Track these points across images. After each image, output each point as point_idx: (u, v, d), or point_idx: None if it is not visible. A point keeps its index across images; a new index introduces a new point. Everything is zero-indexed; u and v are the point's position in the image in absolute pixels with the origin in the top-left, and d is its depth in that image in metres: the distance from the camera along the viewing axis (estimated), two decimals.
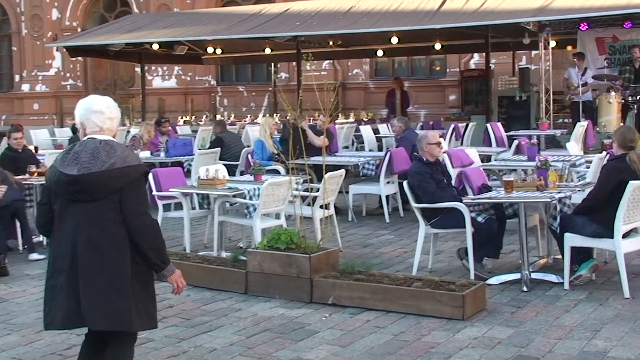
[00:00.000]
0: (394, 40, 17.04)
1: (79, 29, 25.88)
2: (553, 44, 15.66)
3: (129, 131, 16.34)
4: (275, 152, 11.08)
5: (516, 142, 11.26)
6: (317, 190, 8.41)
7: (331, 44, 18.73)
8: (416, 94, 22.19)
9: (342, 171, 8.87)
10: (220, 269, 7.21)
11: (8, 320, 6.42)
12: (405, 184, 7.49)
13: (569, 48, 17.71)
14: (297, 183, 8.11)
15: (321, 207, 8.19)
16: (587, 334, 5.60)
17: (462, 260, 7.38)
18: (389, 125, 16.33)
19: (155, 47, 18.57)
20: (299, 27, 16.12)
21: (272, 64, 23.30)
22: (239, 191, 8.05)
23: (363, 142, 15.66)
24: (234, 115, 22.29)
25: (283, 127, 11.69)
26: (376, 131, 16.08)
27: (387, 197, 10.57)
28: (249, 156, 11.15)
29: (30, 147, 10.84)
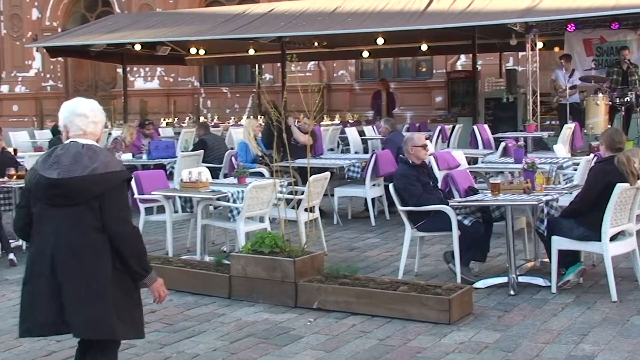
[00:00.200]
0: (380, 41, 16.99)
1: (59, 29, 25.75)
2: (540, 45, 15.69)
3: (110, 133, 16.24)
4: (259, 154, 11.02)
5: (503, 144, 11.25)
6: (302, 193, 8.39)
7: (316, 44, 18.69)
8: (402, 95, 22.17)
9: (327, 174, 8.85)
10: (203, 273, 7.16)
11: None
12: (391, 186, 7.47)
13: (556, 49, 17.71)
14: (281, 186, 8.09)
15: (306, 210, 8.12)
16: (575, 338, 5.59)
17: (449, 264, 7.35)
18: (374, 127, 16.30)
19: (138, 47, 18.40)
20: (283, 27, 16.06)
21: (257, 65, 23.22)
22: (222, 194, 8.00)
23: (348, 144, 15.60)
24: (217, 117, 22.19)
25: (265, 125, 11.61)
26: (362, 133, 16.02)
27: (373, 200, 10.54)
28: (233, 158, 11.08)
29: (10, 150, 10.71)
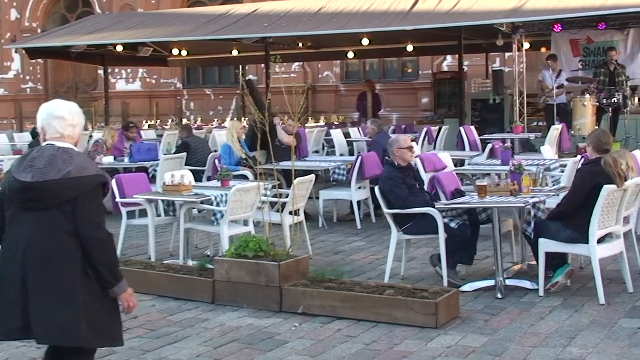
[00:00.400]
0: (365, 41, 16.99)
1: (39, 30, 25.68)
2: (527, 45, 15.70)
3: (91, 136, 16.12)
4: (243, 156, 10.96)
5: (490, 146, 11.27)
6: (286, 196, 8.35)
7: (300, 45, 18.66)
8: (388, 96, 22.17)
9: (312, 176, 8.80)
10: (186, 277, 7.11)
11: None
12: (376, 189, 7.44)
13: (543, 50, 17.75)
14: (265, 189, 8.04)
15: (290, 213, 8.13)
16: (562, 341, 5.57)
17: (435, 267, 7.32)
18: (360, 128, 16.27)
19: (119, 48, 18.30)
20: (267, 28, 16.01)
21: (240, 66, 23.15)
22: (205, 197, 7.95)
23: (334, 146, 15.57)
24: (200, 119, 22.15)
25: (249, 128, 11.60)
26: (347, 135, 15.99)
27: (359, 202, 10.49)
28: (216, 161, 11.03)
29: None
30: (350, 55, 19.67)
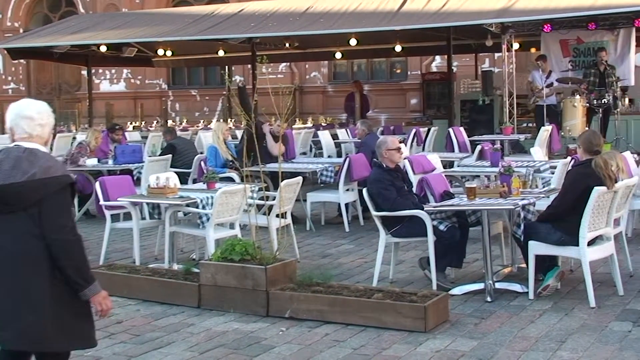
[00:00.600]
0: (353, 42, 16.96)
1: (21, 30, 25.56)
2: (516, 46, 15.71)
3: (75, 137, 16.01)
4: (229, 158, 10.89)
5: (479, 148, 11.25)
6: (273, 199, 8.28)
7: (287, 45, 18.60)
8: (376, 97, 22.15)
9: (300, 178, 8.76)
10: (171, 282, 7.06)
11: None
12: (364, 191, 7.40)
13: (533, 50, 17.75)
14: (252, 191, 8.02)
15: (277, 216, 8.05)
16: (553, 345, 5.55)
17: (424, 270, 7.29)
18: (348, 130, 16.22)
19: (103, 49, 18.19)
20: (253, 28, 15.94)
21: (226, 67, 23.06)
22: (191, 200, 7.91)
23: (321, 148, 15.52)
24: (186, 121, 22.09)
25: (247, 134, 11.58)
26: (335, 136, 15.95)
27: (347, 205, 10.47)
28: (202, 163, 10.99)
29: None
30: (338, 55, 19.62)
